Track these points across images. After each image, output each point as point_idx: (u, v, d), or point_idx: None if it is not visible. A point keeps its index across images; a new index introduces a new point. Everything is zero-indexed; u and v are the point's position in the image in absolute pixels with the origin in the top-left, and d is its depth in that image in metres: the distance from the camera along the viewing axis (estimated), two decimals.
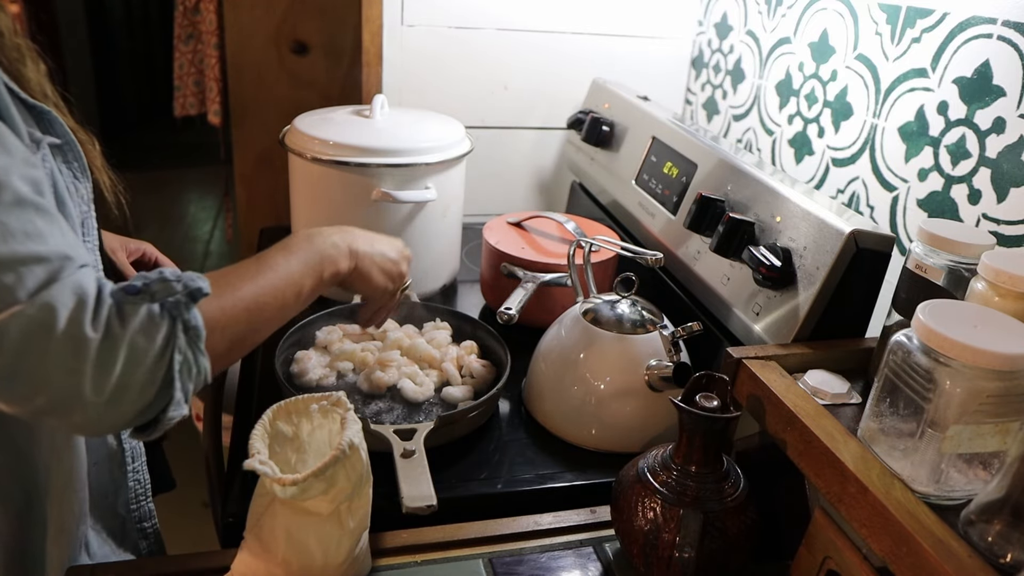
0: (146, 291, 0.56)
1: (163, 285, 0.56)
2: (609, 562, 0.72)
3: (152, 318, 0.56)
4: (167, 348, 0.56)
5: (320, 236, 0.75)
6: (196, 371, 0.59)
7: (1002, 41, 0.81)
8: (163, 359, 0.56)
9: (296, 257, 0.71)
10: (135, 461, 0.79)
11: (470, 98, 1.41)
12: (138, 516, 0.80)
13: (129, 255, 0.91)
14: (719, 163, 1.00)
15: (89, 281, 0.54)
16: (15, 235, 0.51)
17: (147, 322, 0.55)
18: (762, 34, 1.23)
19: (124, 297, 0.55)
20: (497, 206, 1.49)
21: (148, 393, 0.56)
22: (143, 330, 0.55)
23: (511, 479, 0.82)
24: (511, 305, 0.93)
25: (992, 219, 0.81)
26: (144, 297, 0.56)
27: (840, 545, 0.64)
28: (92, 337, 0.53)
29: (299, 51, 2.07)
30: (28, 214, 0.53)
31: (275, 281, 0.67)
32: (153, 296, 0.56)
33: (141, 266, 0.93)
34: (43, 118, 0.63)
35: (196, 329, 0.58)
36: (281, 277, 0.68)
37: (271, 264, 0.69)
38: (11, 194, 0.52)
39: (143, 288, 0.56)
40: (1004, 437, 0.55)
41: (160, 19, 4.83)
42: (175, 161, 4.38)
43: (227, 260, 3.31)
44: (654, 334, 0.87)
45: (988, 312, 0.58)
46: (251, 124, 2.15)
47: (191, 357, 0.58)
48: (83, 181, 0.67)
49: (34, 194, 0.54)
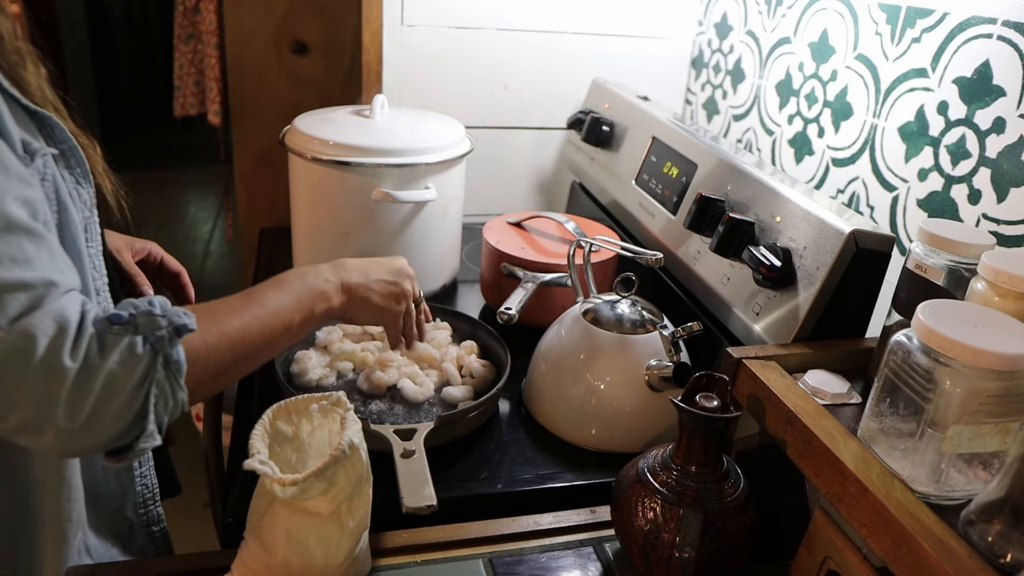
0: (131, 323, 0.56)
1: (148, 319, 0.57)
2: (609, 562, 0.72)
3: (133, 350, 0.56)
4: (145, 381, 0.57)
5: (313, 272, 0.76)
6: (173, 403, 0.59)
7: (1002, 41, 0.81)
8: (140, 391, 0.56)
9: (286, 293, 0.71)
10: (142, 466, 0.79)
11: (470, 98, 1.41)
12: (146, 520, 0.80)
13: (134, 254, 0.91)
14: (719, 163, 1.00)
15: (72, 308, 0.55)
16: (1, 261, 0.52)
17: (127, 354, 0.56)
18: (762, 34, 1.23)
19: (107, 327, 0.56)
20: (497, 206, 1.49)
21: (122, 422, 0.56)
22: (122, 361, 0.55)
23: (511, 479, 0.82)
24: (511, 305, 0.93)
25: (992, 219, 0.81)
26: (128, 329, 0.56)
27: (840, 545, 0.64)
28: (69, 367, 0.53)
29: (299, 51, 2.07)
30: (18, 239, 0.53)
31: (263, 316, 0.67)
32: (137, 328, 0.57)
33: (146, 265, 0.92)
34: (44, 123, 0.63)
35: (177, 364, 0.58)
36: (269, 312, 0.68)
37: (260, 299, 0.69)
38: (2, 219, 0.52)
39: (128, 319, 0.56)
40: (1004, 437, 0.55)
41: (160, 19, 4.83)
42: (175, 161, 4.38)
43: (227, 260, 3.31)
44: (654, 334, 0.87)
45: (988, 312, 0.58)
46: (251, 124, 2.15)
47: (168, 391, 0.58)
48: (85, 186, 0.67)
49: (28, 217, 0.54)
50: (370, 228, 1.08)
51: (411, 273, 0.86)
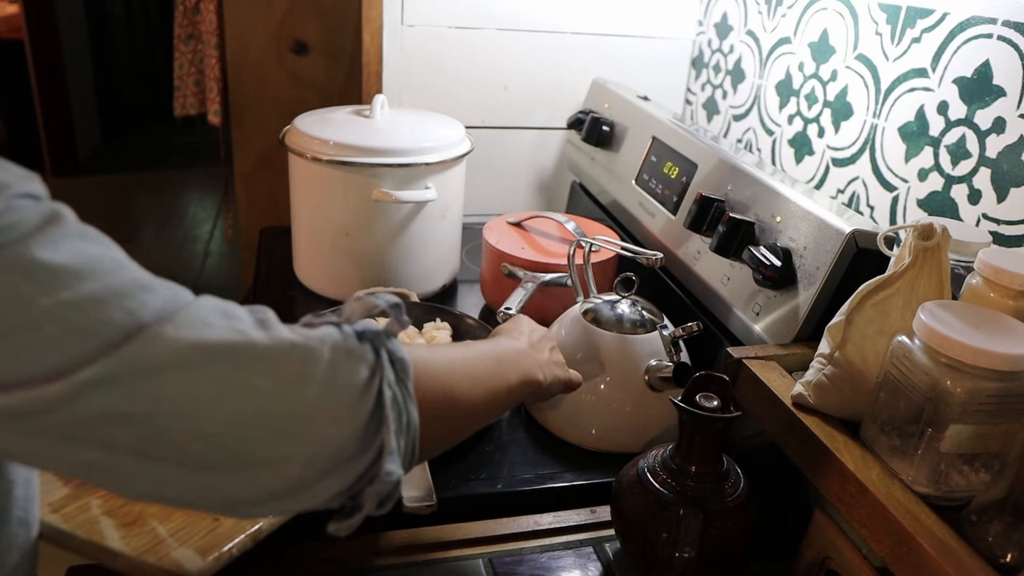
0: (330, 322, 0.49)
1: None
2: (609, 562, 0.72)
3: (347, 341, 0.47)
4: (373, 378, 0.46)
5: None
6: (407, 419, 0.48)
7: (1002, 41, 0.81)
8: (368, 392, 0.46)
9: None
10: None
11: (470, 98, 1.41)
12: None
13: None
14: (719, 163, 1.00)
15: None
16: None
17: (342, 344, 0.46)
18: (762, 34, 1.23)
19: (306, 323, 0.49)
20: (497, 206, 1.49)
21: (351, 437, 0.45)
22: (342, 350, 0.46)
23: (511, 479, 0.82)
24: (511, 305, 0.93)
25: (992, 219, 0.81)
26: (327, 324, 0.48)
27: (840, 545, 0.64)
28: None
29: (299, 51, 2.07)
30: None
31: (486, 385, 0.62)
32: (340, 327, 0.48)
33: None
34: None
35: (403, 362, 0.48)
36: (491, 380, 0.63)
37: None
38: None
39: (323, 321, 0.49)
40: (1004, 437, 0.55)
41: (160, 19, 4.82)
42: (175, 161, 4.38)
43: (227, 260, 3.31)
44: (654, 334, 0.87)
45: (988, 312, 0.58)
46: (251, 124, 2.16)
47: (401, 399, 0.48)
48: None
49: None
50: (370, 228, 1.08)
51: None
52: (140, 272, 0.43)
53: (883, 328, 0.63)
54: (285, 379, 0.43)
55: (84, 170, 4.06)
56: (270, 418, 0.43)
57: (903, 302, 0.62)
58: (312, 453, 0.44)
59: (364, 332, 0.48)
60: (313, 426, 0.44)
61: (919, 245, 0.62)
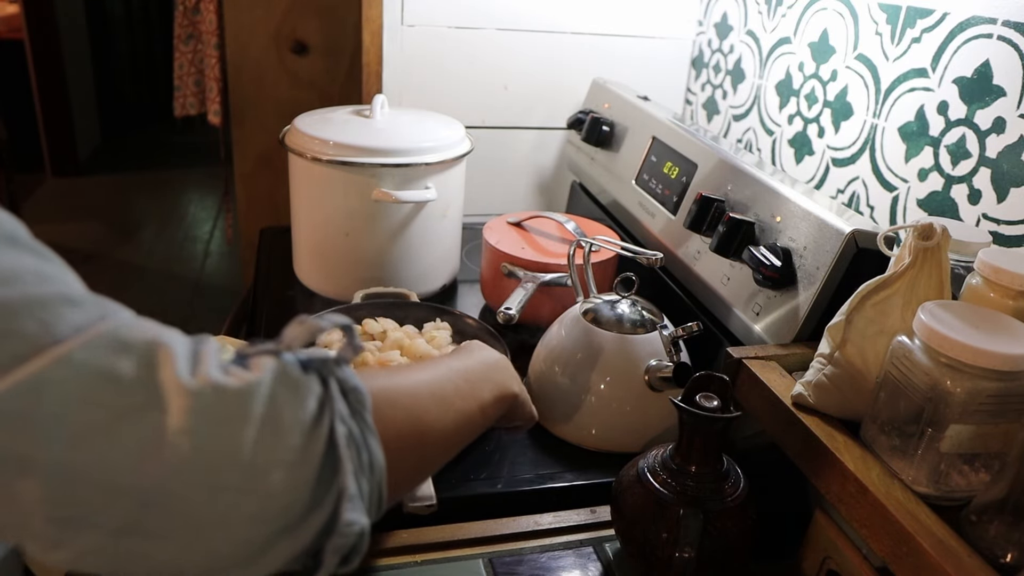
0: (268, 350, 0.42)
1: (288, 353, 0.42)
2: (609, 562, 0.72)
3: (287, 372, 0.40)
4: (323, 414, 0.40)
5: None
6: (369, 457, 0.42)
7: (1002, 41, 0.81)
8: (318, 428, 0.39)
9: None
10: None
11: (470, 98, 1.41)
12: None
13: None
14: (719, 163, 1.00)
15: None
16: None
17: (282, 375, 0.40)
18: (762, 34, 1.23)
19: (244, 352, 0.42)
20: (497, 206, 1.49)
21: (298, 485, 0.38)
22: (282, 383, 0.39)
23: (511, 479, 0.82)
24: (511, 305, 0.93)
25: (992, 219, 0.81)
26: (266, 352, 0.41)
27: (840, 545, 0.64)
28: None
29: (299, 51, 2.07)
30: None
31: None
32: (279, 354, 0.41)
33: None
34: None
35: (357, 392, 0.42)
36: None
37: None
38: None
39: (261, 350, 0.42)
40: (1004, 437, 0.55)
41: (160, 19, 4.83)
42: (175, 161, 4.38)
43: (227, 260, 3.31)
44: (654, 334, 0.87)
45: (988, 312, 0.58)
46: (251, 124, 2.16)
47: (359, 434, 0.42)
48: None
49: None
50: (370, 228, 1.08)
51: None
52: (73, 288, 0.37)
53: (883, 328, 0.63)
54: (217, 420, 0.36)
55: (84, 170, 4.06)
56: (200, 468, 0.35)
57: (903, 302, 0.62)
58: (257, 508, 0.37)
59: (309, 360, 0.41)
60: (255, 475, 0.37)
61: (919, 245, 0.62)
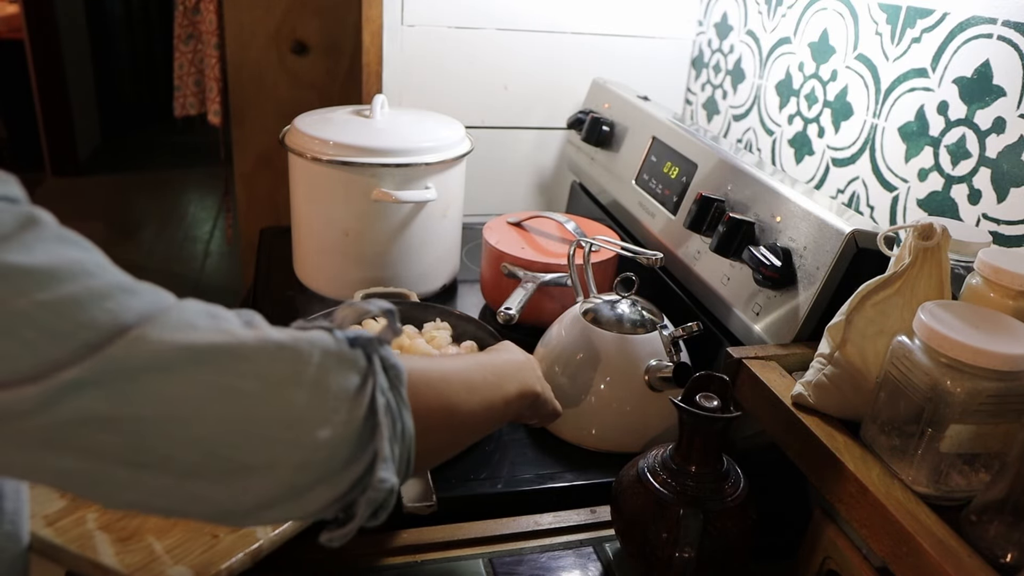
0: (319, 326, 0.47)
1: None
2: (609, 562, 0.72)
3: (339, 345, 0.46)
4: (365, 384, 0.45)
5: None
6: (402, 428, 0.47)
7: (1002, 41, 0.81)
8: (360, 398, 0.45)
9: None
10: None
11: (470, 98, 1.41)
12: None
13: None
14: (719, 163, 1.00)
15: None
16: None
17: (334, 349, 0.45)
18: (762, 34, 1.23)
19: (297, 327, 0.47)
20: (497, 206, 1.49)
21: (345, 444, 0.44)
22: (331, 356, 0.45)
23: (511, 479, 0.82)
24: (511, 305, 0.93)
25: (992, 219, 0.81)
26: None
27: (840, 545, 0.64)
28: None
29: (299, 51, 2.07)
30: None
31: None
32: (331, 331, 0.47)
33: None
34: None
35: (396, 369, 0.48)
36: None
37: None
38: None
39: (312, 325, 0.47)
40: (1004, 437, 0.55)
41: (160, 19, 4.83)
42: (175, 161, 4.38)
43: (227, 260, 3.31)
44: (654, 334, 0.87)
45: (988, 312, 0.58)
46: (251, 124, 2.16)
47: (395, 407, 0.47)
48: None
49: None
50: (370, 228, 1.08)
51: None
52: (122, 275, 0.41)
53: (883, 328, 0.63)
54: (273, 382, 0.42)
55: (84, 170, 4.06)
56: (258, 422, 0.42)
57: (903, 302, 0.62)
58: (303, 458, 0.43)
59: (356, 338, 0.47)
60: (303, 430, 0.43)
61: (919, 245, 0.62)
